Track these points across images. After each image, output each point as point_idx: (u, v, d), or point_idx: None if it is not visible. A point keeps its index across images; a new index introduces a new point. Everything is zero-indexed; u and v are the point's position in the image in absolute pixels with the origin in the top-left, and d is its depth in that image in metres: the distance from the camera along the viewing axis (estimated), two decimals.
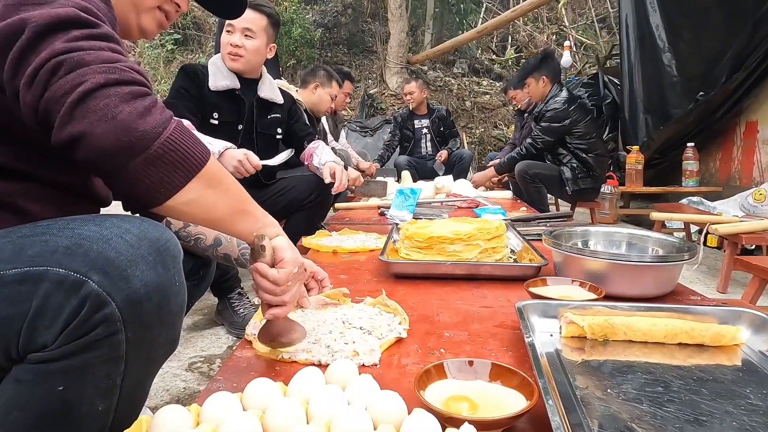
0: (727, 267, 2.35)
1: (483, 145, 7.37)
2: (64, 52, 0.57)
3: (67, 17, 0.59)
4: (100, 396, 0.62)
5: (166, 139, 0.60)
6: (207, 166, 0.65)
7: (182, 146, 0.62)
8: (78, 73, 0.56)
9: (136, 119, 0.58)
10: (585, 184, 3.45)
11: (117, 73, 0.59)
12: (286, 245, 0.79)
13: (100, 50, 0.59)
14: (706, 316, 0.92)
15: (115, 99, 0.57)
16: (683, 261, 1.13)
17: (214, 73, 2.02)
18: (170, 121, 0.62)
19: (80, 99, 0.56)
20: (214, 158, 0.68)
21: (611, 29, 8.50)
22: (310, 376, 0.69)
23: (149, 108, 0.60)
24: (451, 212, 2.40)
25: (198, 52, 8.59)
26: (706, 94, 3.57)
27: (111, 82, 0.58)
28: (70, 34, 0.58)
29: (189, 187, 0.63)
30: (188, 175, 0.63)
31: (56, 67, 0.56)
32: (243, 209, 0.74)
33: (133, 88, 0.59)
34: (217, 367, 1.65)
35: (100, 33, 0.61)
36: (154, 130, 0.59)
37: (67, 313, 0.58)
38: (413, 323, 1.00)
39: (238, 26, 1.99)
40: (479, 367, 0.74)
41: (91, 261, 0.59)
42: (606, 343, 0.88)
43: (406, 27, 8.01)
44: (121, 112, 0.57)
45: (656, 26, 4.07)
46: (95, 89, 0.57)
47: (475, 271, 1.31)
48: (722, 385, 0.74)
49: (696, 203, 3.35)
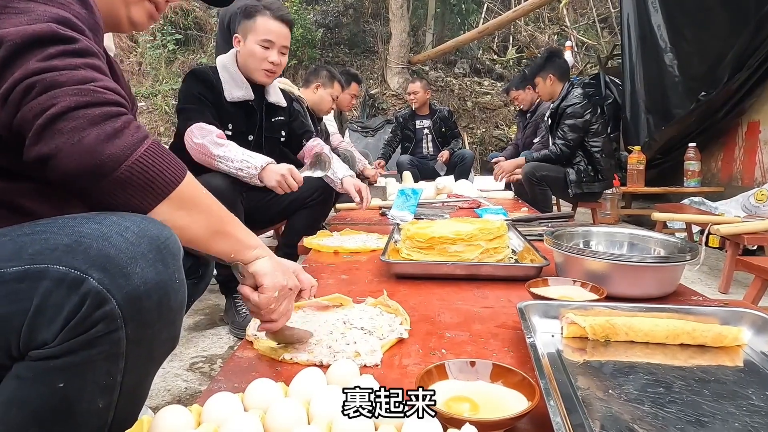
0: (729, 267, 2.35)
1: (484, 146, 7.37)
2: (37, 73, 0.57)
3: (43, 34, 0.59)
4: (100, 393, 0.62)
5: (134, 162, 0.61)
6: (179, 188, 0.66)
7: (152, 169, 0.63)
8: (49, 95, 0.57)
9: (102, 142, 0.59)
10: (589, 189, 3.43)
11: (89, 95, 0.59)
12: (267, 269, 0.79)
13: (74, 69, 0.59)
14: (707, 317, 0.92)
15: (84, 121, 0.58)
16: (685, 261, 1.13)
17: (228, 82, 1.95)
18: (142, 143, 0.63)
19: (49, 121, 0.57)
20: (190, 179, 0.68)
21: (612, 29, 8.50)
22: (312, 377, 0.69)
23: (119, 130, 0.61)
24: (452, 212, 2.40)
25: (199, 52, 8.60)
26: (707, 94, 3.56)
27: (81, 104, 0.59)
28: (45, 52, 0.59)
29: (157, 210, 0.65)
30: (156, 198, 0.65)
31: (29, 88, 0.57)
32: (220, 230, 0.74)
33: (104, 110, 0.60)
34: (218, 367, 1.65)
35: (77, 49, 0.61)
36: (121, 153, 0.60)
37: (68, 311, 0.58)
38: (414, 324, 1.00)
39: (278, 43, 1.93)
40: (480, 368, 0.74)
41: (91, 258, 0.59)
42: (607, 343, 0.88)
43: (408, 27, 8.01)
44: (88, 135, 0.58)
45: (658, 26, 4.07)
46: (65, 112, 0.58)
47: (476, 271, 1.31)
48: (724, 386, 0.74)
49: (698, 203, 3.34)
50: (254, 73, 1.97)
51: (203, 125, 1.79)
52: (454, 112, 5.84)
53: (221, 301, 2.09)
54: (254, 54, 1.92)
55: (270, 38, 1.92)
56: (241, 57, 1.97)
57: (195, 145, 1.76)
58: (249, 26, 1.92)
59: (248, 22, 1.92)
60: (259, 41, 1.91)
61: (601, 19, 8.89)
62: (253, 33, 1.91)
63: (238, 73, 1.97)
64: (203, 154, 1.76)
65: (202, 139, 1.76)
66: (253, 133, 2.05)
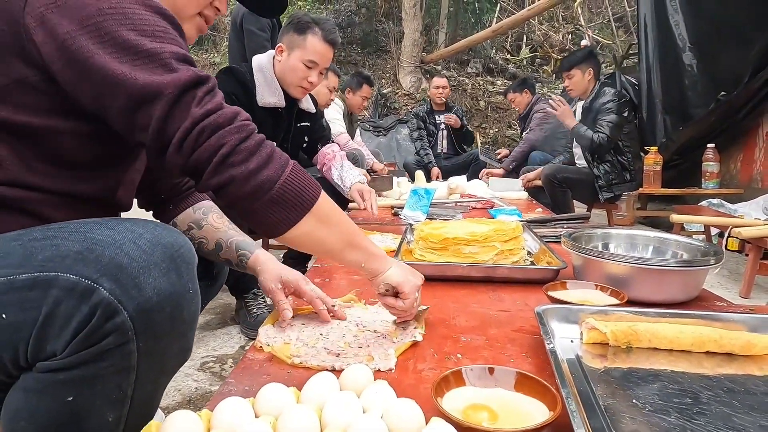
0: (750, 271, 2.29)
1: (497, 145, 7.30)
2: (203, 118, 0.66)
3: (190, 81, 0.67)
4: (110, 407, 0.61)
5: (284, 182, 0.70)
6: (318, 203, 0.73)
7: (297, 187, 0.71)
8: (218, 136, 0.66)
9: (262, 168, 0.68)
10: (619, 190, 3.36)
11: (243, 131, 0.69)
12: (401, 277, 0.88)
13: (221, 108, 0.68)
14: (735, 324, 0.88)
15: (246, 154, 0.68)
16: (710, 265, 1.09)
17: (263, 86, 1.94)
18: (287, 165, 0.72)
19: (224, 158, 0.67)
20: (325, 196, 0.76)
21: (628, 28, 8.39)
22: (324, 382, 0.67)
23: (270, 155, 0.70)
24: (465, 213, 2.37)
25: (213, 52, 8.65)
26: (728, 94, 3.48)
27: (241, 139, 0.68)
28: (197, 96, 0.67)
29: (303, 222, 0.72)
30: (302, 212, 0.72)
31: (200, 133, 0.66)
32: (351, 242, 0.82)
33: (255, 140, 0.70)
34: (229, 367, 1.64)
35: (210, 87, 0.70)
36: (275, 175, 0.69)
37: (78, 321, 0.57)
38: (429, 327, 0.98)
39: (321, 65, 1.92)
40: (499, 375, 0.71)
41: (102, 267, 0.58)
42: (629, 350, 0.85)
43: (420, 26, 7.97)
44: (251, 163, 0.68)
45: (676, 25, 3.99)
46: (233, 150, 0.67)
47: (491, 273, 1.28)
48: (755, 397, 0.71)
49: (716, 205, 3.27)
50: (290, 87, 1.96)
51: None
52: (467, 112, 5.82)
53: (232, 300, 2.08)
54: (296, 70, 1.91)
55: (316, 60, 1.90)
56: (281, 67, 1.96)
57: None
58: (297, 41, 1.90)
59: (298, 37, 1.90)
60: (305, 60, 1.90)
61: (616, 18, 8.78)
62: (301, 50, 1.89)
63: (274, 79, 1.96)
64: None
65: None
66: (278, 139, 2.05)
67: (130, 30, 0.65)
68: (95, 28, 0.64)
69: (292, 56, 1.91)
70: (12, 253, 0.60)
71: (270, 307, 1.97)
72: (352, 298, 1.11)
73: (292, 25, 1.93)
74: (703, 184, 3.79)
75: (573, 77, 3.39)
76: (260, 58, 2.00)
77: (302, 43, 1.89)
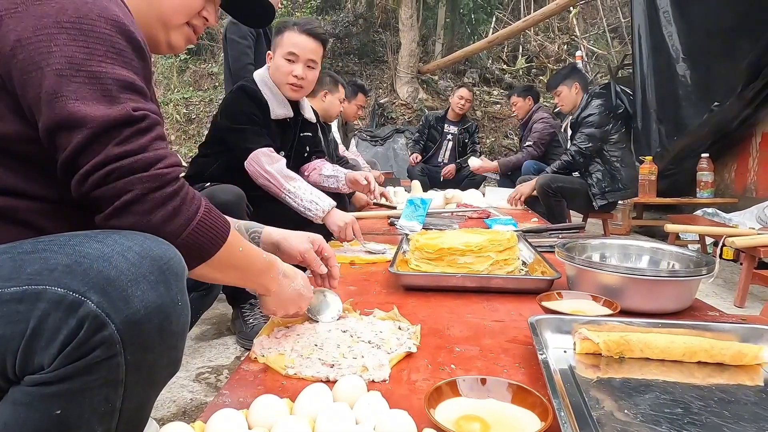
0: (744, 281, 2.30)
1: (493, 155, 7.34)
2: (117, 159, 0.65)
3: (120, 119, 0.66)
4: (98, 420, 0.61)
5: (187, 236, 0.70)
6: (217, 255, 0.75)
7: (198, 240, 0.72)
8: (125, 181, 0.65)
9: (165, 222, 0.68)
10: (613, 198, 3.40)
11: (156, 181, 0.67)
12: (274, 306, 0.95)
13: (144, 152, 0.67)
14: (726, 334, 0.89)
15: (151, 205, 0.67)
16: (701, 276, 1.10)
17: (272, 100, 1.97)
18: (195, 216, 0.71)
19: (126, 204, 0.66)
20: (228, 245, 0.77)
21: (623, 39, 8.46)
22: (318, 393, 0.68)
23: (178, 208, 0.69)
24: (461, 222, 2.38)
25: (211, 62, 8.69)
26: (721, 104, 3.52)
27: (150, 189, 0.67)
28: (122, 134, 0.66)
29: (200, 270, 0.75)
30: (198, 262, 0.74)
31: (108, 174, 0.65)
32: (251, 280, 0.88)
33: (166, 191, 0.68)
34: (224, 377, 1.63)
35: (145, 126, 0.69)
36: (178, 230, 0.69)
37: (65, 334, 0.57)
38: (423, 337, 0.98)
39: (302, 57, 1.94)
40: (492, 386, 0.72)
41: (90, 280, 0.58)
42: (622, 360, 0.86)
43: (417, 37, 8.03)
44: (154, 216, 0.67)
45: (669, 36, 4.03)
46: (137, 198, 0.66)
47: (486, 283, 1.29)
48: (745, 407, 0.71)
49: (711, 215, 3.29)
50: (281, 87, 1.99)
51: (271, 153, 1.87)
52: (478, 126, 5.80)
53: (228, 310, 2.07)
54: (279, 68, 1.95)
55: (294, 51, 1.93)
56: (270, 72, 2.00)
57: (264, 172, 1.84)
58: (278, 41, 1.95)
59: (277, 38, 1.95)
60: (284, 54, 1.93)
61: (611, 28, 8.86)
62: (280, 47, 1.94)
63: (278, 90, 1.99)
64: (271, 183, 1.84)
65: (271, 168, 1.84)
66: (286, 149, 2.08)
67: (81, 47, 0.65)
68: (46, 39, 0.64)
69: (276, 57, 1.97)
70: (2, 266, 0.60)
71: (266, 317, 1.96)
72: (347, 308, 1.11)
73: (275, 32, 1.99)
74: (698, 193, 3.82)
75: (561, 93, 3.54)
76: (260, 72, 2.03)
77: (281, 41, 1.94)
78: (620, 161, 3.39)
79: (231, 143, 1.93)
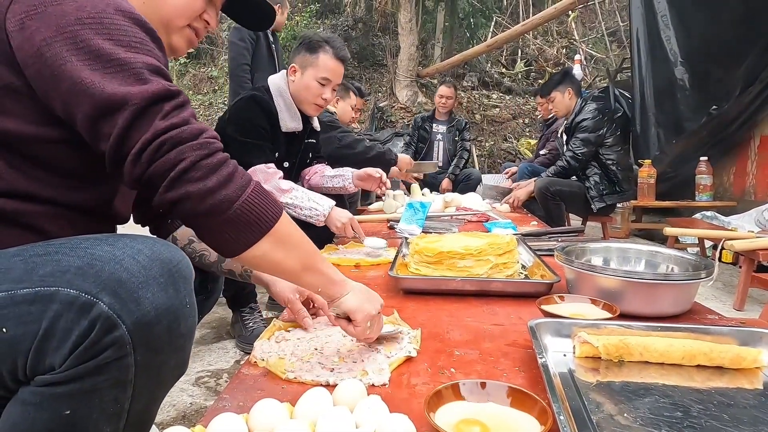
0: (743, 284, 2.30)
1: (493, 158, 7.35)
2: (165, 131, 0.65)
3: (159, 93, 0.67)
4: (106, 420, 0.61)
5: (243, 203, 0.69)
6: (276, 226, 0.72)
7: (256, 209, 0.70)
8: (177, 151, 0.65)
9: (221, 187, 0.67)
10: (611, 200, 3.41)
11: (206, 149, 0.68)
12: (355, 305, 0.85)
13: (187, 123, 0.68)
14: (725, 337, 0.89)
15: (206, 170, 0.67)
16: (701, 279, 1.11)
17: (284, 112, 1.98)
18: (248, 185, 0.70)
19: (182, 173, 0.65)
20: (286, 218, 0.75)
21: (621, 43, 8.49)
22: (318, 397, 0.68)
23: (231, 174, 0.69)
24: (460, 226, 2.38)
25: (210, 66, 8.71)
26: (719, 108, 3.53)
27: (202, 156, 0.67)
28: (163, 109, 0.66)
29: (259, 244, 0.71)
30: (259, 234, 0.71)
31: (160, 146, 0.65)
32: (310, 266, 0.80)
33: (217, 158, 0.69)
34: (224, 381, 1.63)
35: (180, 102, 0.69)
36: (234, 195, 0.68)
37: (77, 335, 0.57)
38: (423, 341, 0.99)
39: (334, 81, 1.97)
40: (491, 389, 0.72)
41: (102, 282, 0.59)
42: (621, 363, 0.86)
43: (416, 41, 8.04)
44: (209, 180, 0.66)
45: (668, 40, 4.05)
46: (192, 165, 0.66)
47: (485, 287, 1.29)
48: (744, 411, 0.72)
49: (710, 218, 3.29)
50: (305, 104, 2.01)
51: (266, 168, 1.86)
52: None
53: (228, 314, 2.08)
54: (310, 89, 1.96)
55: (329, 77, 1.95)
56: (295, 87, 2.00)
57: None
58: (310, 60, 1.95)
59: (310, 56, 1.95)
60: (318, 78, 1.94)
61: (609, 32, 8.88)
62: (314, 68, 1.94)
63: (293, 103, 2.01)
64: None
65: (266, 186, 1.83)
66: (291, 159, 2.10)
67: (106, 39, 0.66)
68: (71, 36, 0.65)
69: (305, 75, 1.96)
70: (13, 269, 0.61)
71: (266, 321, 1.96)
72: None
73: (303, 45, 1.99)
74: (697, 196, 3.83)
75: (554, 100, 3.54)
76: (276, 81, 2.03)
77: (314, 62, 1.94)
78: (616, 164, 3.39)
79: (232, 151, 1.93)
